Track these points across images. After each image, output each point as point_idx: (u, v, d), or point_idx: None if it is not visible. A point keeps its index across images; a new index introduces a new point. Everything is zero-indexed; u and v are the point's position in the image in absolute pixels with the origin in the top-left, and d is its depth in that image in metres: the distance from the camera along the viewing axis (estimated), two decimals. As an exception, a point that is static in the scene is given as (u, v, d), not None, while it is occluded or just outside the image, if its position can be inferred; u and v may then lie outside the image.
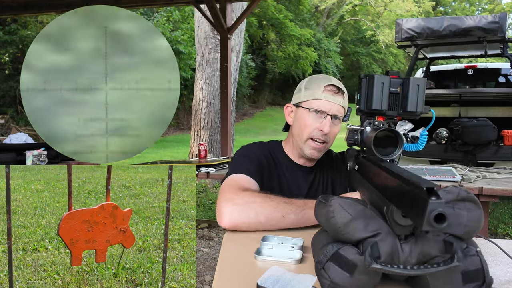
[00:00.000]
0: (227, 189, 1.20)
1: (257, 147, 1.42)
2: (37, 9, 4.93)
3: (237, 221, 1.10)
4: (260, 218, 1.10)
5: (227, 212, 1.11)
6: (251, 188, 1.23)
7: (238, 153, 1.40)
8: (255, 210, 1.10)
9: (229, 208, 1.11)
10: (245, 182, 1.25)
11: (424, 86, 0.88)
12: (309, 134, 1.33)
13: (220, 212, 1.12)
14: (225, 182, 1.27)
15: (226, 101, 4.49)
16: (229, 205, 1.12)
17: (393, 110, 0.90)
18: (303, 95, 1.35)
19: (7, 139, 3.73)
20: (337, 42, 21.17)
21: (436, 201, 0.55)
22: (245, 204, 1.11)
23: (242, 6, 5.69)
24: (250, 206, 1.11)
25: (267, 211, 1.11)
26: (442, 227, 0.55)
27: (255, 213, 1.10)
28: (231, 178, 1.27)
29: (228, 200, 1.13)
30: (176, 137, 13.33)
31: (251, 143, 1.45)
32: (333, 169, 1.44)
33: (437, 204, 0.54)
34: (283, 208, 1.12)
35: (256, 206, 1.11)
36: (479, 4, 31.75)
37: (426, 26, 4.14)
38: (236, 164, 1.34)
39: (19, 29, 11.78)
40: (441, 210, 0.54)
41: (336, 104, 1.31)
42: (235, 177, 1.27)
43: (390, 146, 0.86)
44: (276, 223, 1.11)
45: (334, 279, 0.72)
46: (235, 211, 1.10)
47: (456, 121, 3.76)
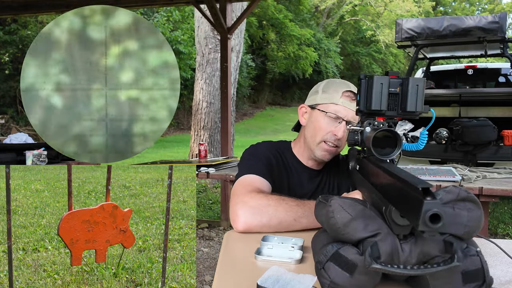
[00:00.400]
0: (241, 190, 1.20)
1: (266, 146, 1.42)
2: (37, 9, 4.93)
3: (252, 225, 1.11)
4: (273, 222, 1.11)
5: (242, 215, 1.11)
6: (264, 190, 1.23)
7: (248, 152, 1.40)
8: (269, 213, 1.11)
9: (243, 211, 1.12)
10: (258, 183, 1.25)
11: (424, 86, 0.88)
12: (323, 137, 1.32)
13: (235, 214, 1.13)
14: (237, 182, 1.27)
15: (226, 101, 4.49)
16: (244, 208, 1.12)
17: (393, 110, 0.90)
18: (320, 98, 1.34)
19: (7, 139, 3.73)
20: (337, 42, 21.17)
21: (431, 201, 0.55)
22: (259, 207, 1.12)
23: (242, 6, 5.69)
24: (264, 210, 1.12)
25: (281, 214, 1.12)
26: (437, 227, 0.55)
27: (269, 217, 1.11)
28: (244, 179, 1.27)
29: (243, 203, 1.14)
30: (176, 137, 13.33)
31: (260, 142, 1.44)
32: (340, 172, 1.44)
33: (432, 204, 0.55)
34: (295, 212, 1.13)
35: (270, 209, 1.12)
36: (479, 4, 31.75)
37: (426, 26, 4.14)
38: (247, 164, 1.33)
39: (19, 29, 11.79)
40: (436, 210, 0.55)
41: (352, 110, 1.31)
42: (248, 178, 1.27)
43: (389, 146, 0.86)
44: (288, 226, 1.12)
45: (334, 279, 0.72)
46: (249, 214, 1.11)
47: (456, 121, 3.76)
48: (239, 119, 15.78)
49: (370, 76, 0.89)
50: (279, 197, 1.17)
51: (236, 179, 1.30)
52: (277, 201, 1.14)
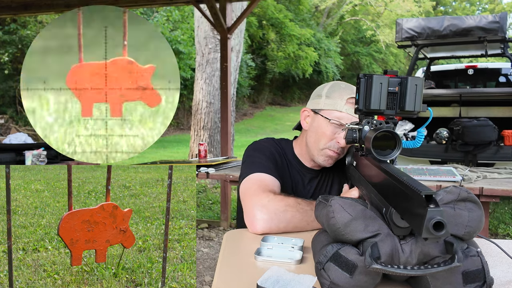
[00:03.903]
0: (256, 190, 1.19)
1: (270, 143, 1.41)
2: (37, 9, 4.93)
3: (270, 229, 1.12)
4: (289, 226, 1.13)
5: (261, 219, 1.12)
6: (275, 190, 1.23)
7: (253, 149, 1.38)
8: (287, 219, 1.13)
9: (262, 215, 1.12)
10: (270, 183, 1.25)
11: (422, 85, 0.89)
12: (326, 144, 1.30)
13: (254, 217, 1.13)
14: (248, 180, 1.25)
15: (226, 101, 4.49)
16: (263, 211, 1.12)
17: (391, 109, 0.90)
18: (323, 103, 1.31)
19: (7, 139, 3.72)
20: (337, 42, 21.15)
21: (435, 209, 0.55)
22: (278, 212, 1.13)
23: (242, 6, 5.69)
24: (282, 215, 1.13)
25: (297, 219, 1.13)
26: (440, 234, 0.56)
27: (286, 222, 1.13)
28: (255, 177, 1.26)
29: (262, 206, 1.14)
30: (176, 137, 13.32)
31: (263, 139, 1.43)
32: (339, 172, 1.44)
33: (436, 212, 0.55)
34: (309, 216, 1.14)
35: (288, 214, 1.13)
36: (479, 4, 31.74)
37: (426, 26, 4.14)
38: (255, 162, 1.31)
39: (19, 29, 11.78)
40: (440, 218, 0.55)
41: (356, 117, 1.28)
42: (259, 177, 1.26)
43: (388, 146, 0.86)
44: (301, 229, 1.14)
45: (334, 280, 0.72)
46: (269, 219, 1.12)
47: (457, 121, 3.75)
48: (239, 119, 15.77)
49: (370, 76, 0.89)
50: (294, 200, 1.17)
51: (245, 176, 1.28)
52: (294, 206, 1.15)
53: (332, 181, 1.44)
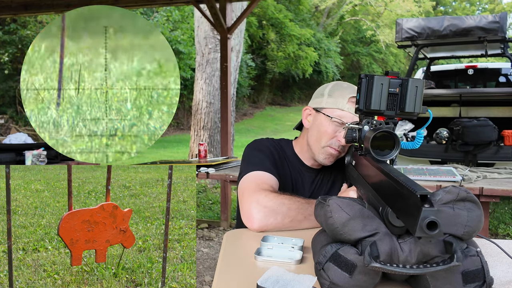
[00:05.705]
0: (253, 188, 1.20)
1: (270, 142, 1.42)
2: (37, 9, 4.93)
3: (267, 224, 1.12)
4: (286, 220, 1.13)
5: (257, 215, 1.12)
6: (273, 187, 1.24)
7: (252, 147, 1.39)
8: (283, 213, 1.13)
9: (258, 211, 1.13)
10: (268, 180, 1.26)
11: (423, 87, 0.89)
12: (327, 142, 1.31)
13: (250, 214, 1.13)
14: (246, 179, 1.26)
15: (226, 101, 4.49)
16: (258, 208, 1.13)
17: (391, 110, 0.90)
18: (325, 102, 1.32)
19: (7, 139, 3.72)
20: (337, 42, 21.16)
21: (429, 208, 0.56)
22: (273, 207, 1.13)
23: (242, 6, 5.69)
24: (278, 209, 1.13)
25: (293, 213, 1.14)
26: (434, 233, 0.57)
27: (283, 216, 1.13)
28: (253, 175, 1.27)
29: (257, 202, 1.14)
30: (176, 137, 13.32)
31: (263, 138, 1.44)
32: (339, 171, 1.44)
33: (430, 211, 0.56)
34: (306, 210, 1.15)
35: (284, 208, 1.13)
36: (479, 4, 31.74)
37: (426, 26, 4.14)
38: (254, 160, 1.32)
39: (19, 29, 11.78)
40: (433, 218, 0.56)
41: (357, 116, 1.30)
42: (256, 175, 1.27)
43: (387, 147, 0.87)
44: (298, 224, 1.14)
45: (334, 280, 0.72)
46: (264, 214, 1.12)
47: (457, 121, 3.76)
48: (239, 119, 15.77)
49: (371, 76, 0.90)
50: (290, 196, 1.18)
51: (243, 174, 1.29)
52: (289, 200, 1.15)
53: (332, 180, 1.44)
